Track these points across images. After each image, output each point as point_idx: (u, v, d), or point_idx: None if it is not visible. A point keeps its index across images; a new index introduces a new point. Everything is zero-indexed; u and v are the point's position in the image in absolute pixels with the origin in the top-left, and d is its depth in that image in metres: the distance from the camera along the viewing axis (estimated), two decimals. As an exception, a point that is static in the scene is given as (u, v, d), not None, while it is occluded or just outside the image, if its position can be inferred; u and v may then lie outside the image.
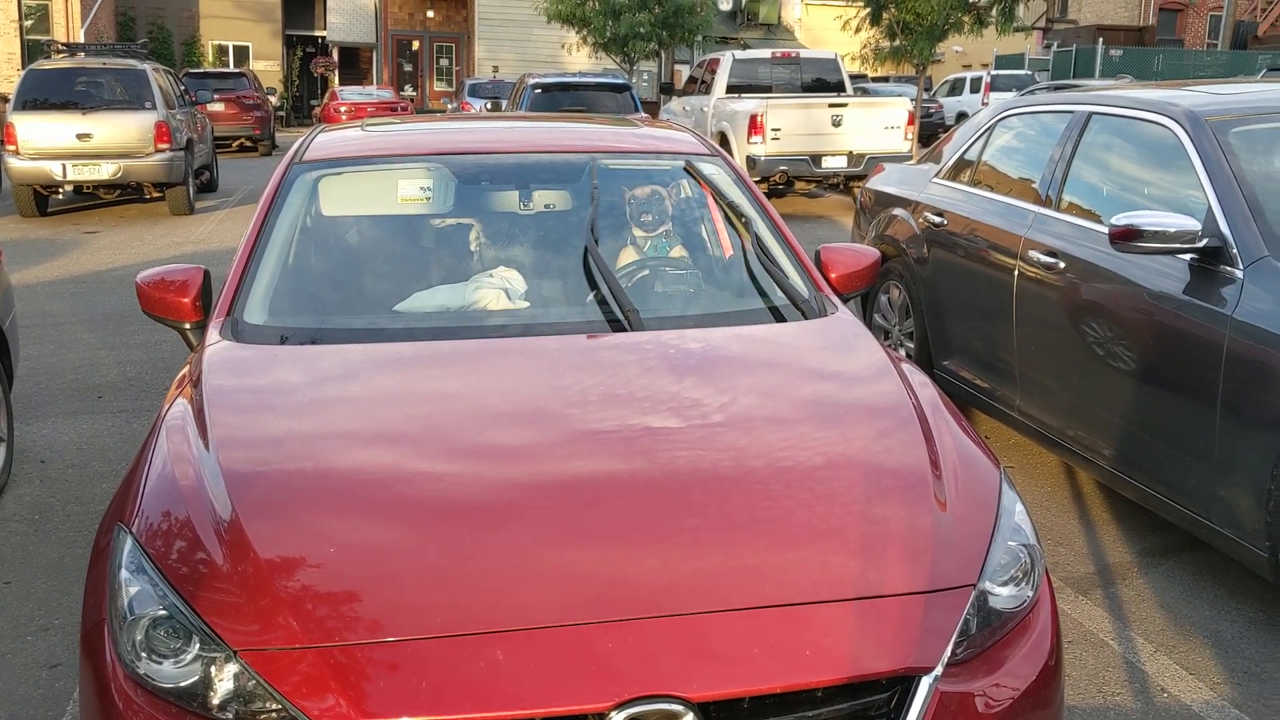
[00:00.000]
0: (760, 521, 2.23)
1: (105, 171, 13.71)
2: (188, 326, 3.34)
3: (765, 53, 17.03)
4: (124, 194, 15.45)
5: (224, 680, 1.97)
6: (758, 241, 3.72)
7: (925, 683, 2.04)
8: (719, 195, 4.06)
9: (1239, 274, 3.75)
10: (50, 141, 13.58)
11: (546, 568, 2.08)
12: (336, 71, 40.56)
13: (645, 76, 33.45)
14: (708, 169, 4.03)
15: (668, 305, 3.42)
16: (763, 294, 3.51)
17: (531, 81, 17.01)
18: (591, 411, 2.61)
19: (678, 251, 3.82)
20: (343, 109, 28.34)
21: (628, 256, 3.74)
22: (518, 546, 2.12)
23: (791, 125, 14.17)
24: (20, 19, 26.72)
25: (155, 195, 14.90)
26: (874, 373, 2.98)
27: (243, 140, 25.50)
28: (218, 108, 24.19)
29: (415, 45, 41.17)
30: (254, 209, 3.64)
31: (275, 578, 2.06)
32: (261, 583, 2.05)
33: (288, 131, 34.54)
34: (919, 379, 2.99)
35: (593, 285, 3.37)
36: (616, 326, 3.11)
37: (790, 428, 2.62)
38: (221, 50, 38.01)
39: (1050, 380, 4.65)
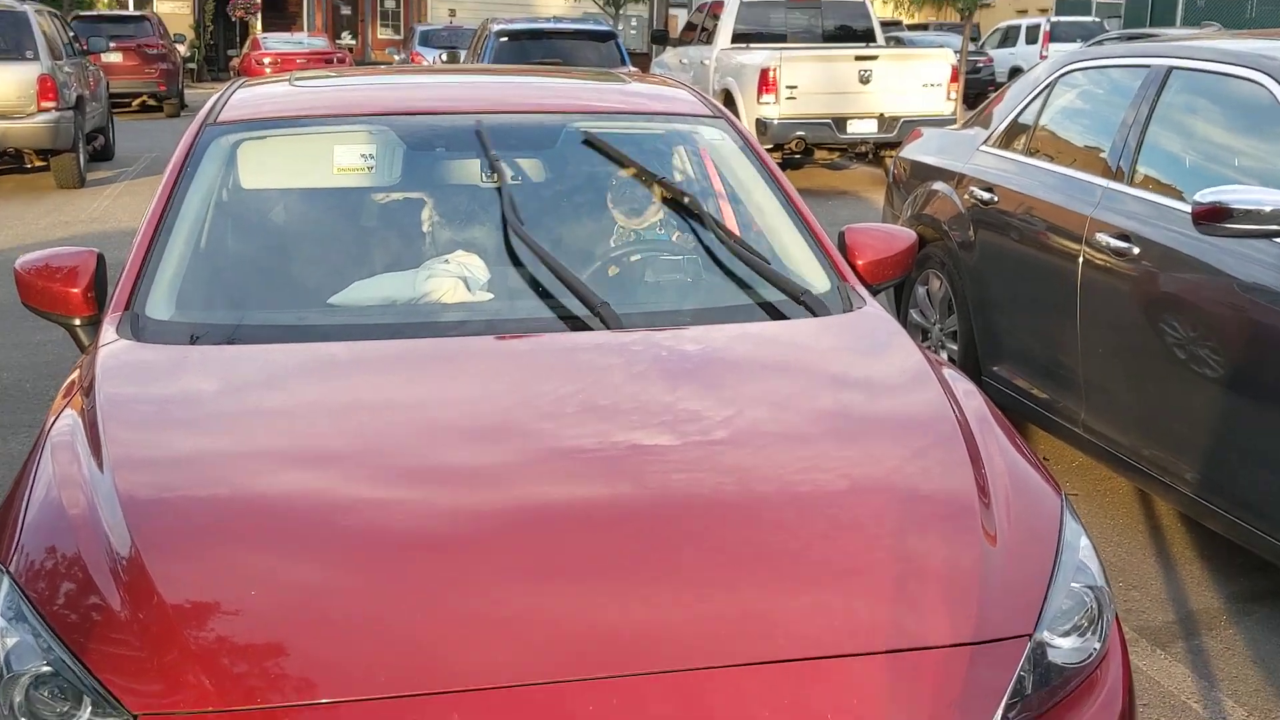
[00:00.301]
0: (771, 558, 2.24)
1: (-24, 135, 13.69)
2: (77, 322, 3.34)
3: (779, -6, 17.09)
4: (0, 162, 15.41)
5: (122, 751, 1.96)
6: (770, 222, 3.73)
7: (971, 754, 2.05)
8: (723, 166, 4.07)
9: (1348, 262, 3.78)
10: (-92, 98, 13.56)
11: (512, 614, 2.07)
12: (259, 16, 40.54)
13: (634, 23, 33.50)
14: (710, 134, 4.04)
15: (659, 298, 3.44)
16: (775, 285, 3.51)
17: (496, 28, 17.01)
18: (567, 426, 2.62)
19: (678, 238, 3.83)
20: (266, 60, 28.27)
21: (613, 239, 3.75)
22: (477, 588, 2.12)
23: (810, 82, 14.21)
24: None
25: (38, 164, 14.86)
26: (909, 379, 2.99)
27: (145, 98, 25.47)
28: (114, 59, 24.11)
29: (355, -16, 41.18)
30: (158, 181, 3.64)
31: (184, 627, 2.05)
32: (167, 633, 2.05)
33: (199, 87, 34.46)
34: (964, 387, 3.00)
35: (569, 274, 3.37)
36: (597, 323, 3.12)
37: (807, 446, 2.63)
38: (119, -11, 37.98)
39: (1121, 389, 4.66)
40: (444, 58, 25.26)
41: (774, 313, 3.28)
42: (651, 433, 2.62)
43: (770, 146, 14.14)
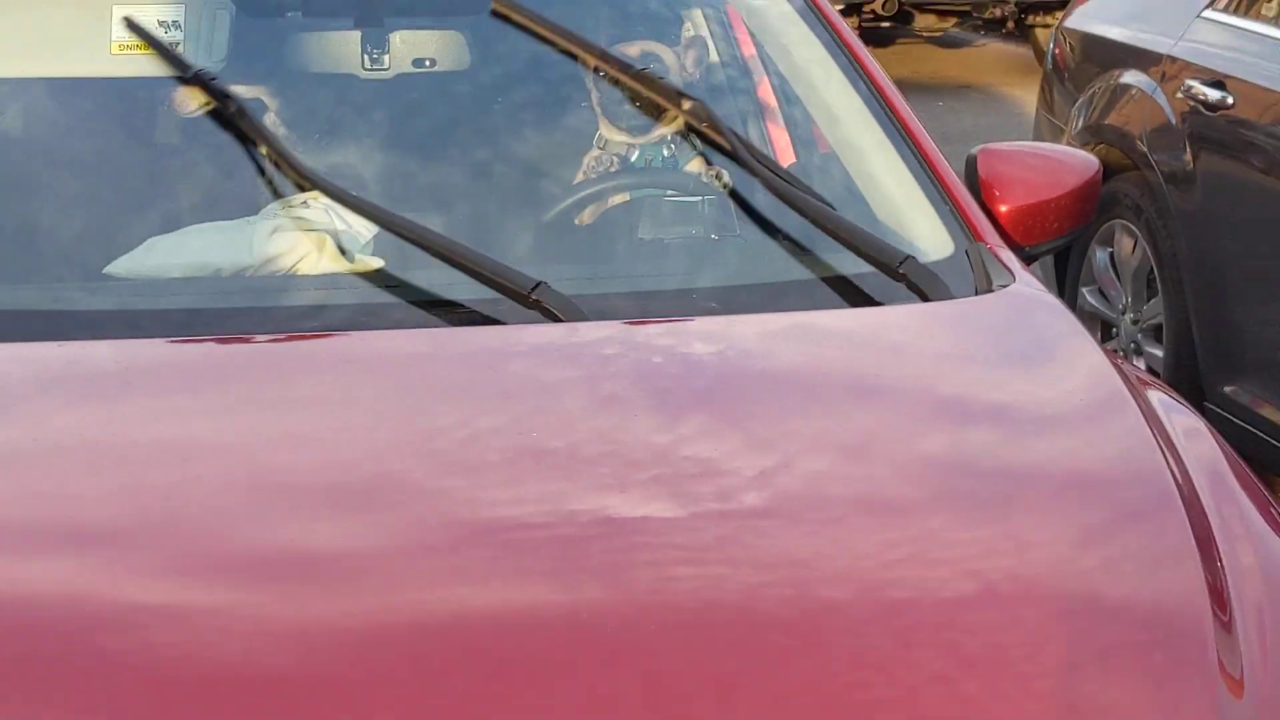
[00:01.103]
0: (848, 717, 2.23)
1: None
2: None
3: None
4: None
5: None
6: (848, 139, 3.73)
7: None
8: (769, 44, 4.07)
9: None
10: None
11: None
12: None
13: None
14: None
15: (657, 266, 3.46)
16: (856, 246, 3.50)
17: None
18: (493, 486, 2.62)
19: (695, 165, 3.82)
20: None
21: (584, 169, 3.75)
22: None
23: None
24: None
25: None
26: (1089, 407, 3.00)
27: None
28: None
29: None
30: None
31: None
32: None
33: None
34: (1184, 422, 3.02)
35: (505, 225, 3.38)
36: (547, 310, 3.10)
37: (909, 522, 2.63)
38: None
39: None
40: None
41: (852, 294, 3.28)
42: (637, 497, 2.61)
43: (842, 8, 14.19)
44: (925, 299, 3.26)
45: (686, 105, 3.79)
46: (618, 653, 2.29)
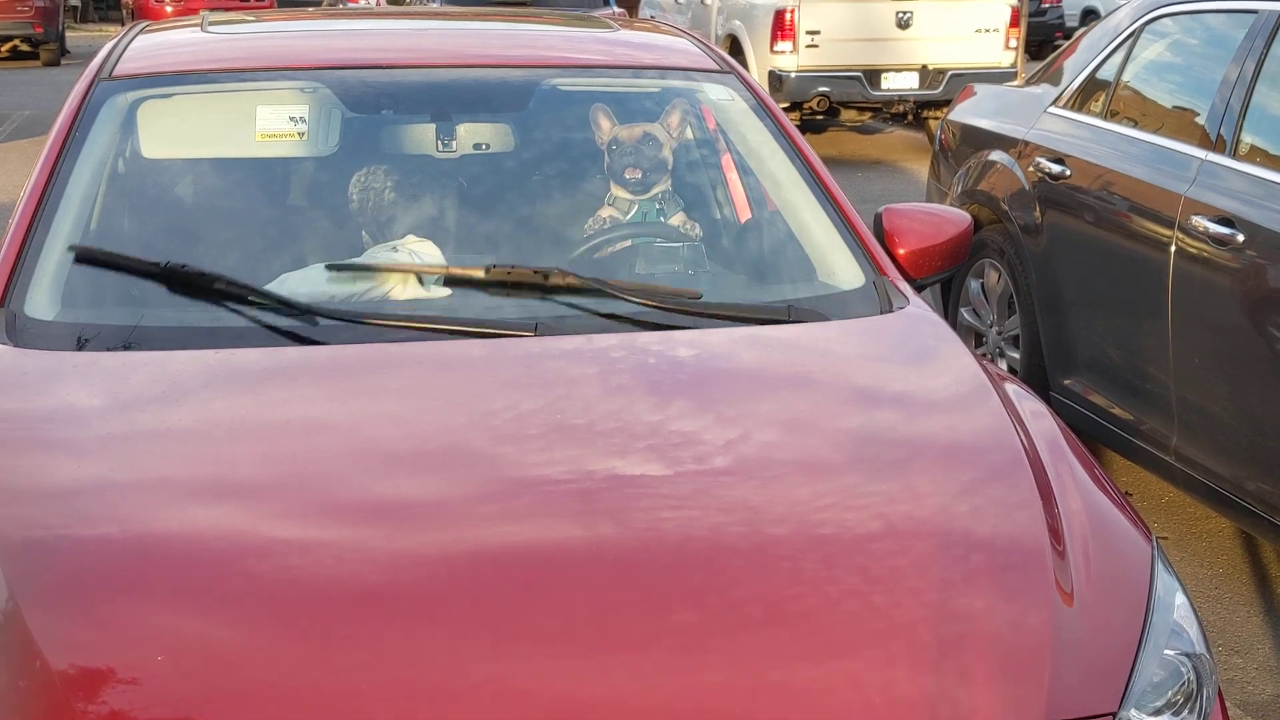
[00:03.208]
0: (788, 618, 2.24)
1: None
2: (-62, 323, 3.33)
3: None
4: None
5: None
6: (789, 200, 3.74)
7: None
8: (731, 131, 4.08)
9: None
10: None
11: (467, 686, 2.08)
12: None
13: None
14: (715, 92, 4.05)
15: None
16: (794, 279, 3.52)
17: (450, -41, 17.00)
18: (532, 452, 2.63)
19: (678, 219, 3.84)
20: (168, -2, 28.22)
21: (596, 223, 3.76)
22: (425, 654, 2.12)
23: (836, 26, 14.22)
24: None
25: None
26: (963, 396, 3.01)
27: (17, 42, 25.36)
28: (-21, -7, 24.12)
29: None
30: (36, 147, 3.64)
31: (75, 700, 2.05)
32: (55, 708, 2.04)
33: (84, 30, 34.39)
34: (1031, 406, 3.02)
35: (540, 262, 3.39)
36: (578, 325, 3.13)
37: (832, 478, 2.65)
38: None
39: (1222, 409, 4.68)
40: (386, -3, 25.23)
41: (792, 313, 3.28)
42: (636, 460, 2.63)
43: (786, 105, 14.15)
44: (845, 317, 3.28)
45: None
46: (621, 571, 2.32)
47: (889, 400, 3.00)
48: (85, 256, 3.36)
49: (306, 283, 3.33)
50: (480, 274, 3.21)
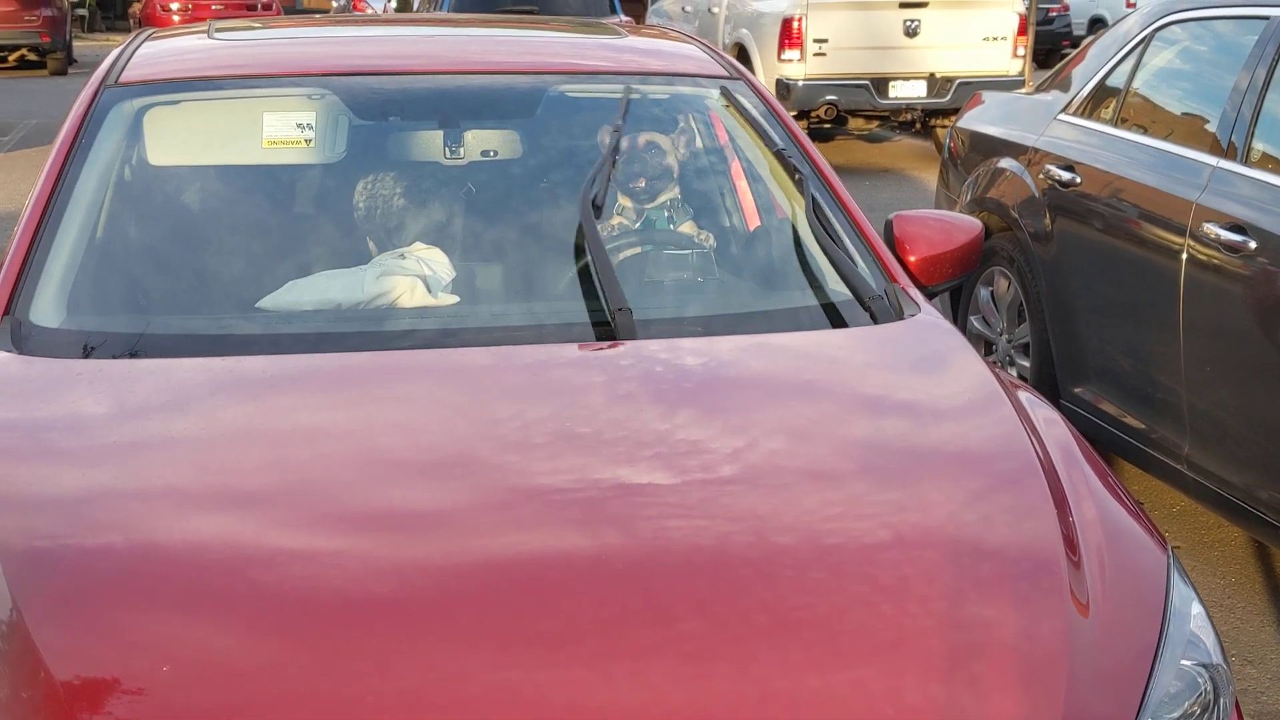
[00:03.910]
0: (795, 627, 2.23)
1: None
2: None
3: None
4: None
5: None
6: (798, 207, 3.72)
7: None
8: (740, 139, 4.06)
9: None
10: None
11: (475, 694, 2.07)
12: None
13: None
14: (723, 99, 4.03)
15: (659, 302, 3.43)
16: (804, 286, 3.51)
17: (457, -33, 17.02)
18: (539, 460, 2.62)
19: (688, 227, 3.82)
20: (175, 7, 28.28)
21: (604, 230, 3.74)
22: (432, 662, 2.12)
23: (844, 34, 14.22)
24: None
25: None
26: (975, 403, 2.99)
27: (24, 51, 25.42)
28: (-13, 3, 24.17)
29: (283, -88, 41.28)
30: (42, 155, 3.63)
31: (79, 710, 2.04)
32: (59, 718, 2.03)
33: (91, 39, 34.47)
34: (1045, 414, 3.00)
35: (547, 270, 3.37)
36: (600, 333, 3.12)
37: (840, 486, 2.63)
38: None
39: (1234, 417, 4.66)
40: (394, 6, 25.34)
41: (802, 321, 3.27)
42: (643, 469, 2.61)
43: (794, 114, 14.14)
44: (856, 324, 3.26)
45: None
46: (627, 579, 2.31)
47: (899, 408, 2.98)
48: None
49: (312, 290, 3.32)
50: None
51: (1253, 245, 4.53)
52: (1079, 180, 5.62)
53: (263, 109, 3.75)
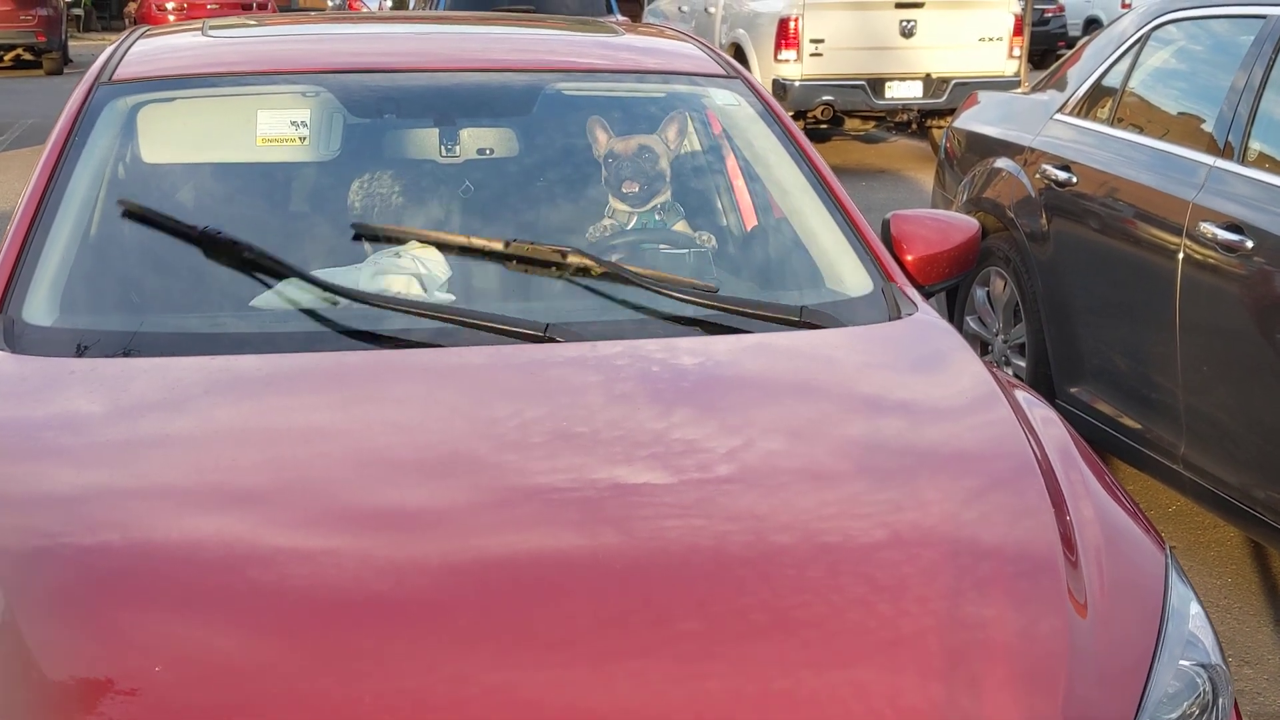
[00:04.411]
0: (792, 627, 2.22)
1: None
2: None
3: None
4: None
5: None
6: (796, 206, 3.72)
7: None
8: (738, 137, 4.06)
9: None
10: None
11: (472, 694, 2.06)
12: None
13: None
14: (720, 98, 4.03)
15: (654, 301, 3.41)
16: (801, 285, 3.50)
17: (453, -33, 17.02)
18: (536, 460, 2.61)
19: (683, 226, 3.82)
20: (170, 5, 28.30)
21: (601, 229, 3.73)
22: (429, 662, 2.10)
23: (841, 34, 14.23)
24: None
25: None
26: (972, 402, 2.99)
27: (19, 51, 25.42)
28: (-18, 2, 24.17)
29: (279, -88, 41.27)
30: (36, 154, 3.62)
31: (73, 711, 2.03)
32: (52, 719, 2.02)
33: (87, 39, 34.46)
34: (1043, 413, 3.00)
35: (555, 268, 3.38)
36: (581, 332, 3.10)
37: (838, 486, 2.63)
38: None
39: (1231, 417, 4.66)
40: (389, 4, 25.35)
41: (800, 320, 3.26)
42: (640, 468, 2.61)
43: (792, 113, 14.13)
44: (854, 323, 3.26)
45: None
46: (624, 580, 2.30)
47: (897, 407, 2.97)
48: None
49: (308, 289, 3.30)
50: (499, 246, 3.19)
51: (1249, 245, 4.53)
52: (1075, 180, 5.62)
53: (257, 106, 3.74)
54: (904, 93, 14.33)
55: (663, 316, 3.15)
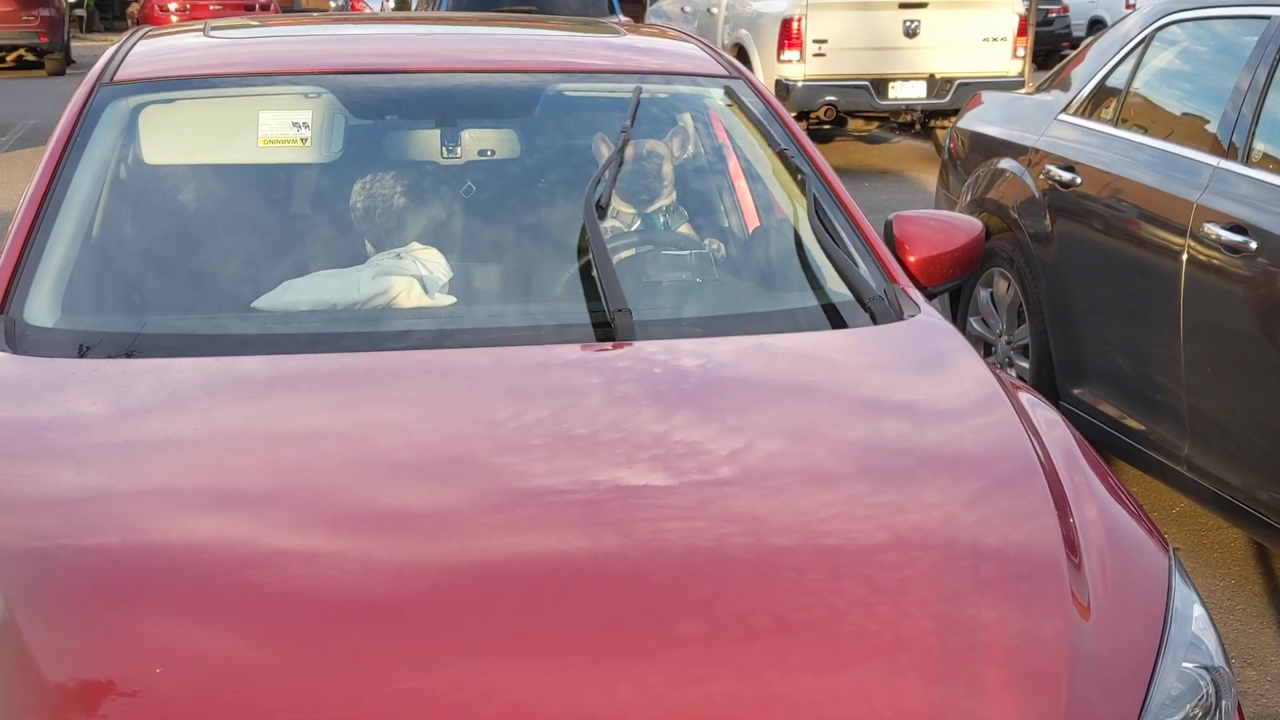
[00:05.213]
0: (794, 629, 2.22)
1: None
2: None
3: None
4: None
5: None
6: (798, 208, 3.71)
7: None
8: (740, 138, 4.05)
9: None
10: None
11: (472, 697, 2.06)
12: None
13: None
14: (723, 98, 4.02)
15: (658, 302, 3.42)
16: (804, 286, 3.50)
17: (456, -33, 17.01)
18: (536, 462, 2.61)
19: (686, 228, 3.81)
20: (173, 6, 28.30)
21: (605, 231, 3.72)
22: (429, 665, 2.10)
23: (844, 35, 14.22)
24: None
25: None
26: (975, 404, 2.98)
27: (22, 52, 25.42)
28: (-16, 3, 24.17)
29: (282, -88, 41.28)
30: (39, 154, 3.62)
31: (72, 712, 2.03)
32: (48, 721, 2.01)
33: (89, 39, 34.48)
34: (1045, 415, 2.99)
35: (544, 271, 3.37)
36: (599, 334, 3.11)
37: (840, 488, 2.62)
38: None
39: (1235, 419, 4.65)
40: (392, 4, 25.36)
41: (802, 321, 3.26)
42: (641, 470, 2.60)
43: (794, 115, 14.11)
44: (855, 325, 3.25)
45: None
46: (626, 582, 2.29)
47: (899, 409, 2.97)
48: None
49: (309, 290, 3.31)
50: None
51: (1253, 245, 4.53)
52: (1079, 181, 5.61)
53: (259, 107, 3.74)
54: (907, 93, 14.32)
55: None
